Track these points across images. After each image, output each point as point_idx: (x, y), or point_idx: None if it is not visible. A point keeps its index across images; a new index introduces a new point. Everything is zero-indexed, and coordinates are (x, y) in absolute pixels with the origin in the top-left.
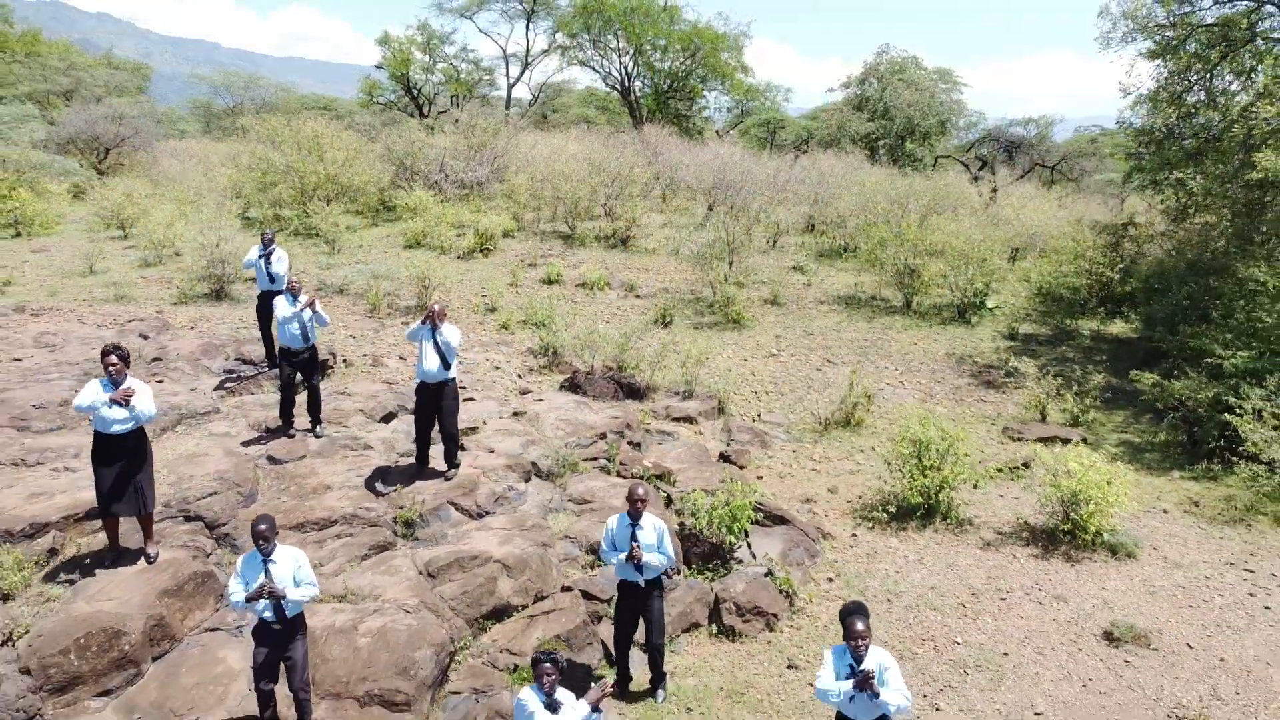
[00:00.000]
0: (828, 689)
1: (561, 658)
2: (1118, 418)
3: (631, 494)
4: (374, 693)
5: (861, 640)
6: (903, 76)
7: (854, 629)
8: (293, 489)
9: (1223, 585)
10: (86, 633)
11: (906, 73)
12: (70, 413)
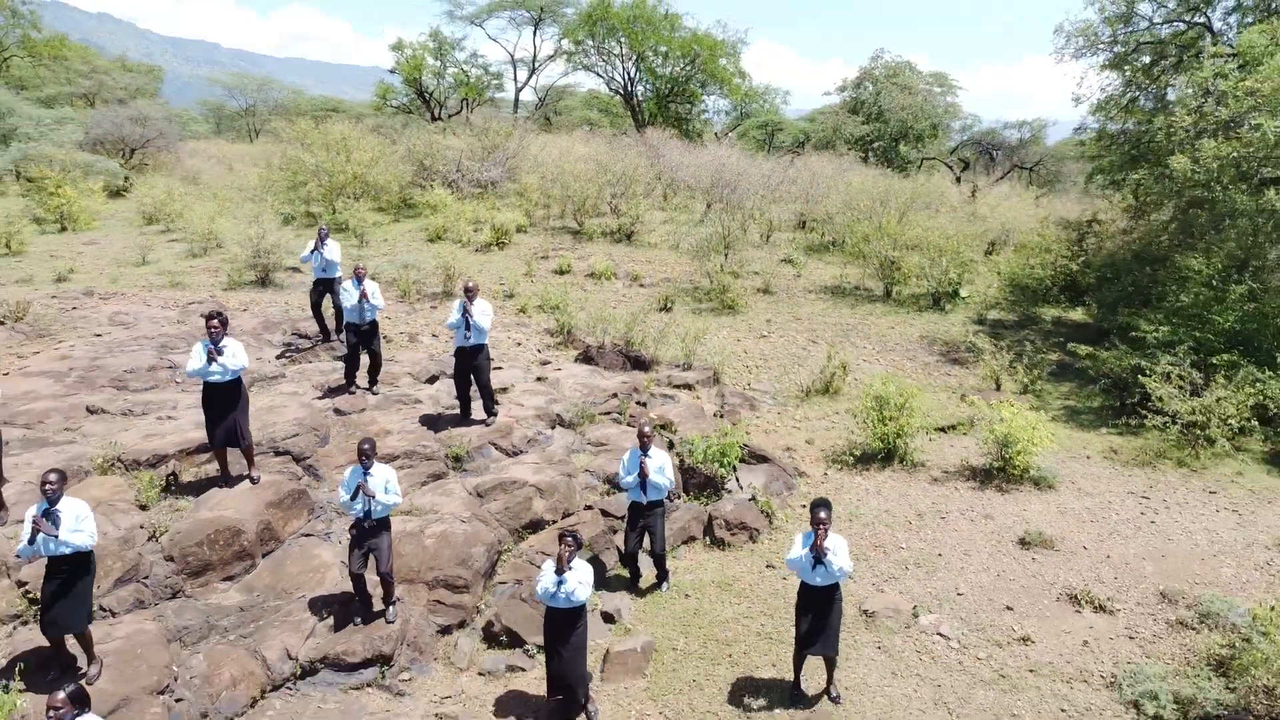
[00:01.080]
0: (794, 557)
1: (581, 536)
2: (1064, 387)
3: (640, 430)
4: (440, 578)
5: (822, 525)
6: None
7: (817, 515)
8: (358, 434)
9: (1121, 508)
10: (214, 531)
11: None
12: (159, 375)
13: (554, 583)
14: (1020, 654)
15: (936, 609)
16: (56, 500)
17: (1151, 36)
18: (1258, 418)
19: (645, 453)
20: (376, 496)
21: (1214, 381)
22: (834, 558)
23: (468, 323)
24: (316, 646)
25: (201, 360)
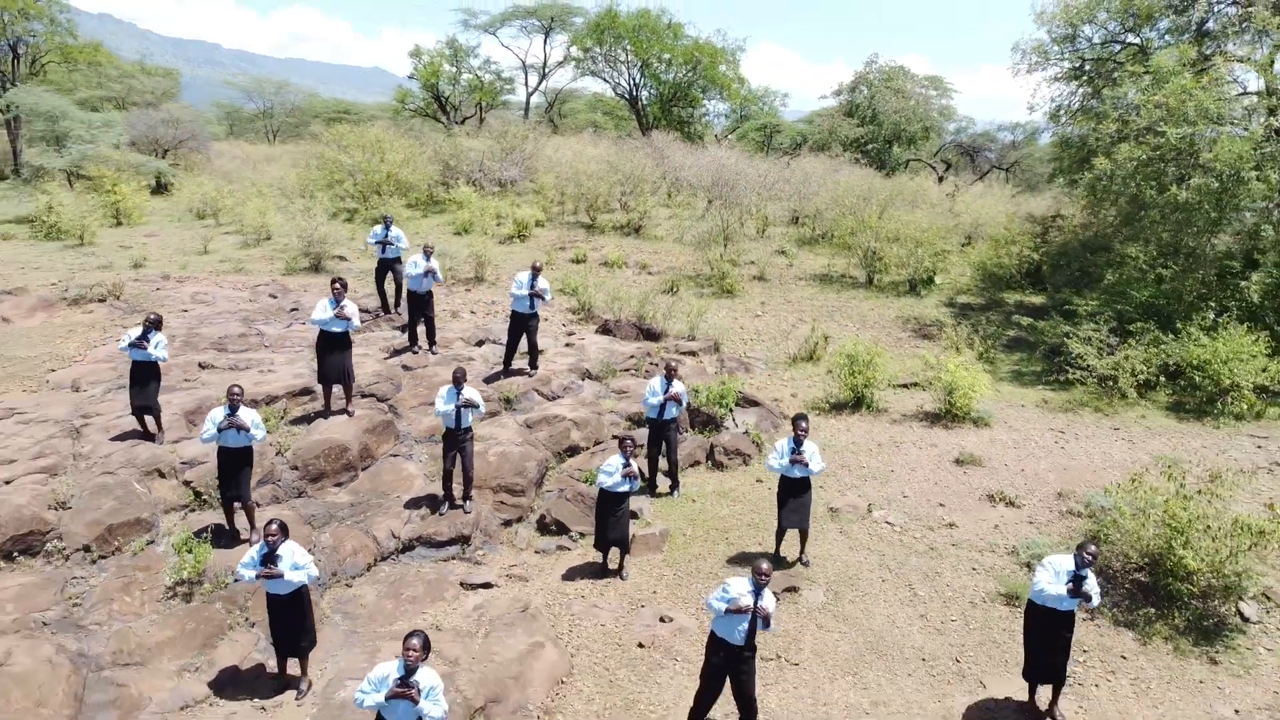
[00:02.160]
0: (775, 461)
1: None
2: (1014, 356)
3: (668, 364)
4: (502, 485)
5: (801, 432)
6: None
7: (798, 425)
8: (424, 383)
9: (1040, 439)
10: (327, 448)
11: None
12: (250, 340)
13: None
14: (946, 534)
15: (886, 506)
16: (276, 547)
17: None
18: (1165, 374)
19: (670, 382)
20: (477, 408)
21: (1127, 344)
22: (809, 460)
23: (532, 295)
24: (412, 529)
25: (327, 313)
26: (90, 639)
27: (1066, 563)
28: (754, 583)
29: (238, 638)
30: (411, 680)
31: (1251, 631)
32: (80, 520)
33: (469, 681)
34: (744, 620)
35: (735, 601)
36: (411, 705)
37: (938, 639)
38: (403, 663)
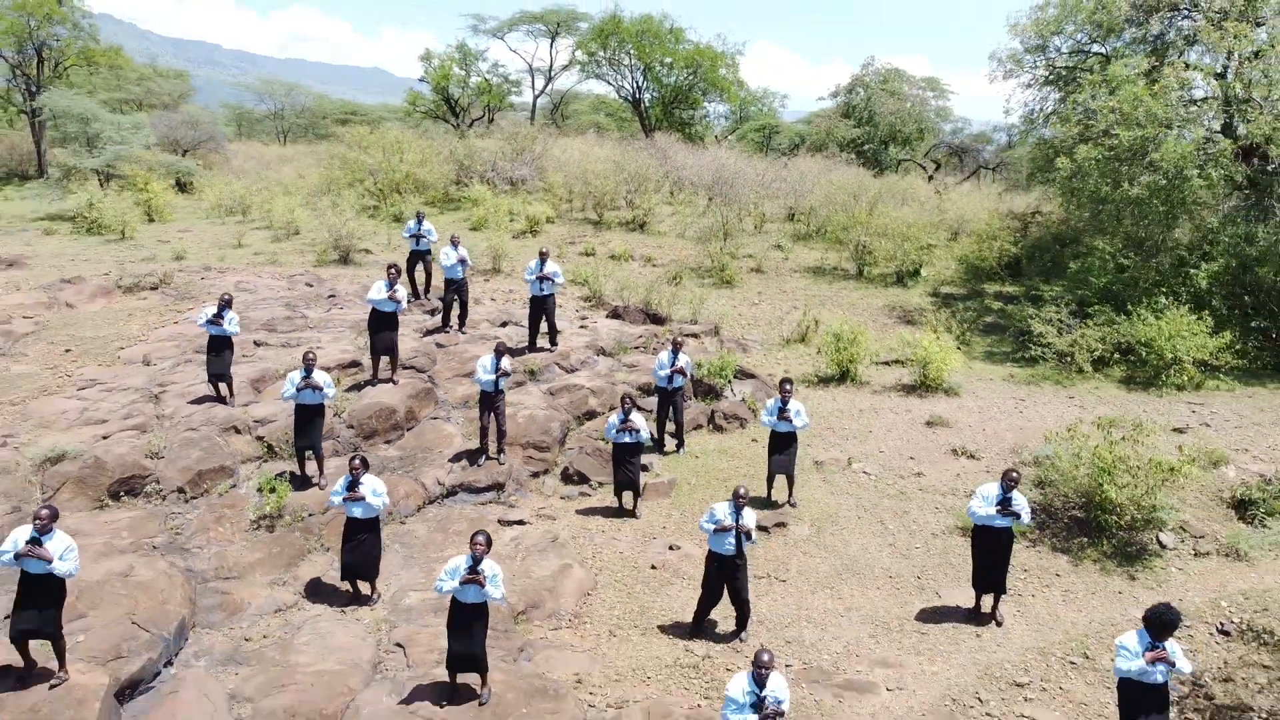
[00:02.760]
0: (766, 417)
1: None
2: (989, 339)
3: (674, 339)
4: (530, 442)
5: (786, 393)
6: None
7: (783, 387)
8: (456, 358)
9: (1002, 405)
10: (378, 410)
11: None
12: (295, 321)
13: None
14: (915, 482)
15: (864, 459)
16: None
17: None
18: (1119, 351)
19: (676, 355)
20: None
21: (1085, 325)
22: (795, 416)
23: (541, 277)
24: (454, 477)
25: (382, 294)
26: (194, 558)
27: (995, 490)
28: (734, 505)
29: (316, 559)
30: (479, 569)
31: (1167, 556)
32: (173, 467)
33: (512, 591)
34: (730, 535)
35: (720, 521)
36: (479, 588)
37: (903, 562)
38: (471, 556)
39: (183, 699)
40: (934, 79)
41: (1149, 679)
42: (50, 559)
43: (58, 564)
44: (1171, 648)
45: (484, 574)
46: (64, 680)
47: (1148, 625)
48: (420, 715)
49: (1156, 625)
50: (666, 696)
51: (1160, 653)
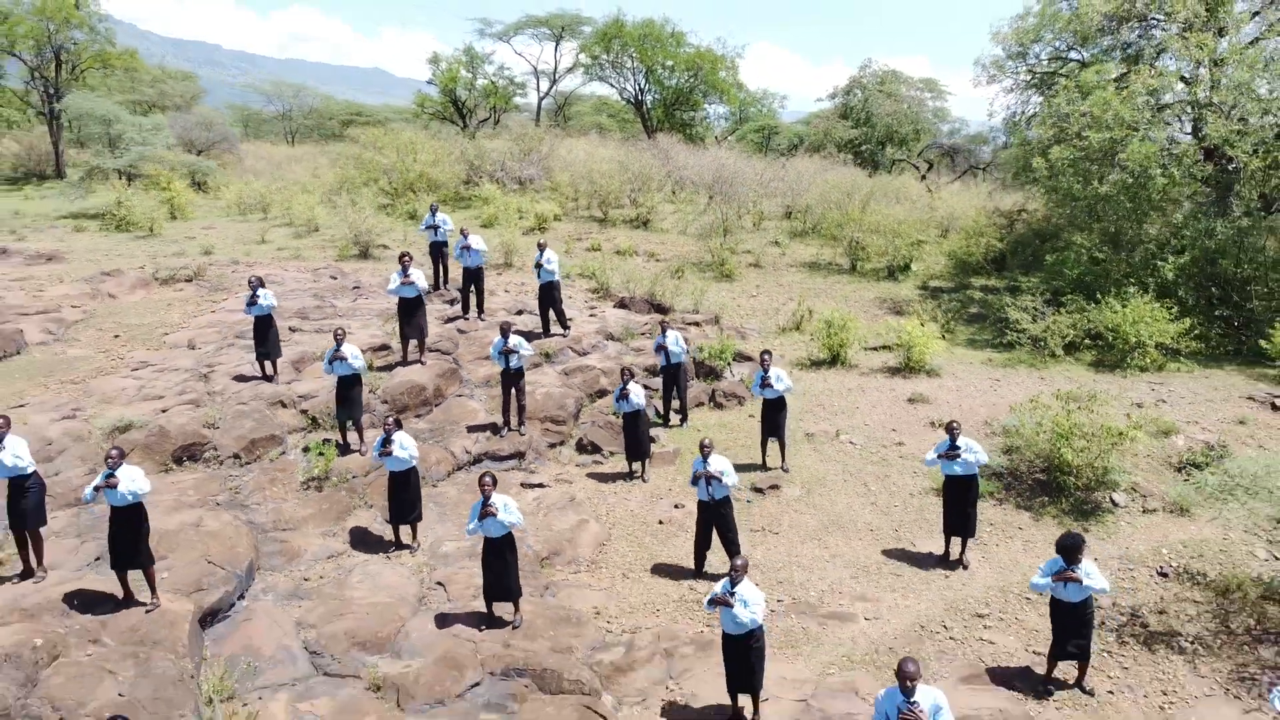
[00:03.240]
0: (754, 387)
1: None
2: (972, 328)
3: (661, 322)
4: (548, 416)
5: (765, 362)
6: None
7: (762, 359)
8: (476, 343)
9: (979, 385)
10: (409, 387)
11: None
12: (325, 309)
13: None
14: (895, 450)
15: (850, 431)
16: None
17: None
18: (1089, 337)
19: (665, 335)
20: (520, 352)
21: (1058, 312)
22: (776, 384)
23: (540, 264)
24: (480, 447)
25: (396, 283)
26: (253, 513)
27: (944, 440)
28: (702, 454)
29: (361, 515)
30: (490, 502)
31: (1118, 512)
32: (228, 435)
33: (536, 541)
34: (703, 483)
35: (694, 472)
36: (496, 520)
37: (883, 518)
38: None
39: (256, 625)
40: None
41: (1063, 596)
42: (117, 484)
43: (125, 486)
44: (1086, 569)
45: (495, 505)
46: (157, 606)
47: (1059, 551)
48: (462, 636)
49: (1064, 550)
50: (673, 624)
51: (1068, 573)
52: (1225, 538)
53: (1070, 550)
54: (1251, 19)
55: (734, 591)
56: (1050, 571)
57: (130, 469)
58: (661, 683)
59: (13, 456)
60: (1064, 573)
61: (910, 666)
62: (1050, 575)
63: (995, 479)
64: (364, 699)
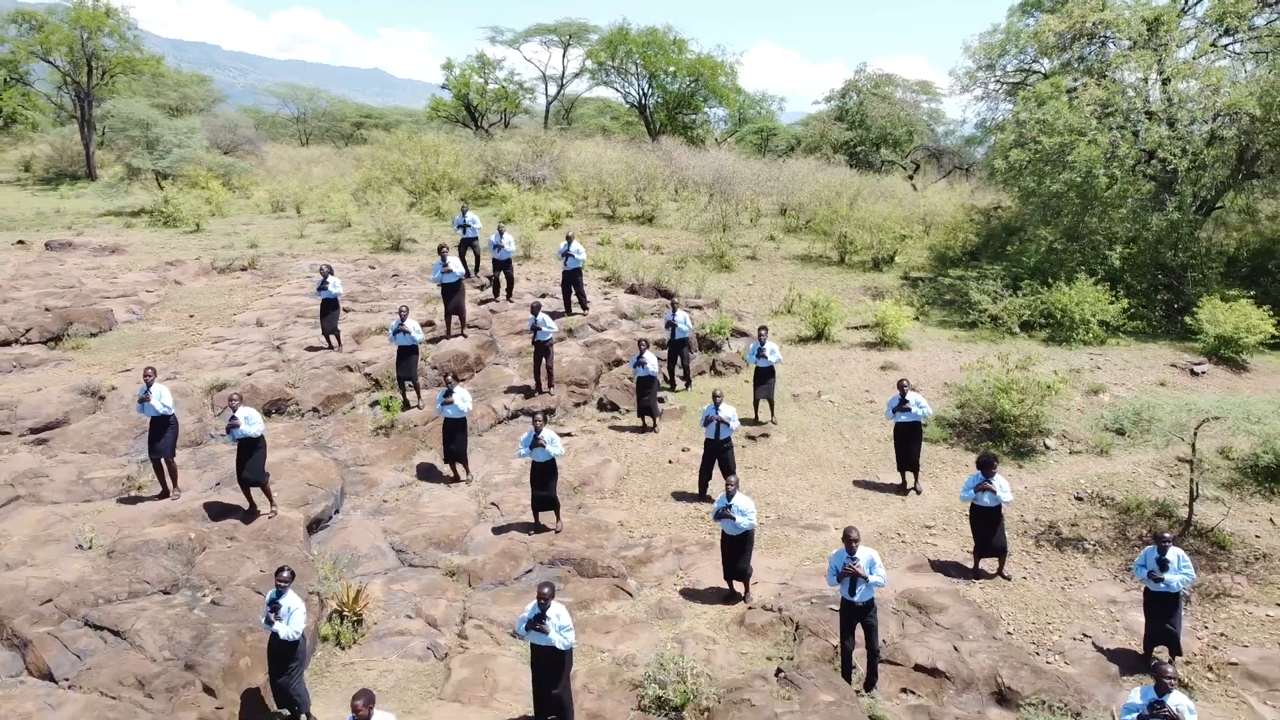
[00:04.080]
0: (750, 357)
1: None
2: (945, 311)
3: (673, 301)
4: (572, 380)
5: (762, 337)
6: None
7: (760, 333)
8: (508, 321)
9: (943, 356)
10: (453, 355)
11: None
12: (371, 294)
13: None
14: (868, 406)
15: (830, 392)
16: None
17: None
18: (1043, 316)
19: (675, 313)
20: (542, 329)
21: (1016, 295)
22: (770, 354)
23: (569, 253)
24: (516, 404)
25: (439, 271)
26: (335, 452)
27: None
28: (714, 402)
29: (423, 455)
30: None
31: (1049, 454)
32: (307, 393)
33: (569, 474)
34: (713, 425)
35: (705, 416)
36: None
37: (854, 458)
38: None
39: (351, 531)
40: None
41: (981, 503)
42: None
43: (245, 427)
44: (999, 483)
45: (544, 439)
46: (275, 514)
47: (978, 466)
48: (515, 539)
49: (982, 465)
50: (683, 533)
51: (985, 484)
52: (1134, 472)
53: (985, 465)
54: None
55: (731, 504)
56: (972, 485)
57: (246, 409)
58: (673, 572)
59: (160, 403)
60: (982, 484)
61: (853, 533)
62: (973, 488)
63: (949, 427)
64: (442, 581)
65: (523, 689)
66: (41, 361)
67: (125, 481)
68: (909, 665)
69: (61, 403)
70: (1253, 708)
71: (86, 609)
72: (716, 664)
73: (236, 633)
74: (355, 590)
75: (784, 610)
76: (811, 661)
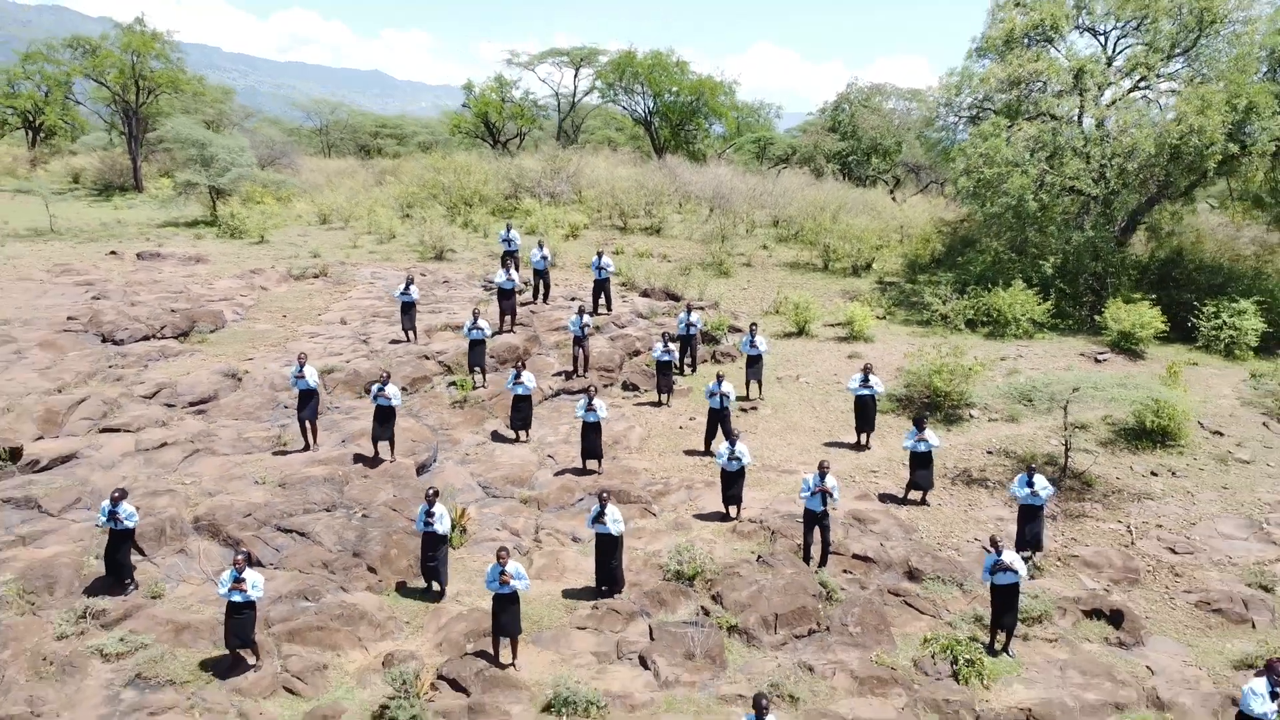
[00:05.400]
0: (743, 346)
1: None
2: (908, 312)
3: (688, 304)
4: (601, 367)
5: (753, 331)
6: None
7: (752, 327)
8: (546, 320)
9: (899, 347)
10: (507, 346)
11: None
12: (428, 296)
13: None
14: (836, 385)
15: (807, 376)
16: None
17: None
18: (985, 315)
19: (690, 313)
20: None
21: (963, 297)
22: (760, 345)
23: (600, 266)
24: (558, 385)
25: (503, 277)
26: (425, 420)
27: (859, 376)
28: (717, 380)
29: (491, 423)
30: (593, 402)
31: (973, 421)
32: (397, 375)
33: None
34: (716, 398)
35: (710, 390)
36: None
37: (822, 424)
38: (587, 397)
39: (448, 473)
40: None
41: (916, 449)
42: (390, 398)
43: (393, 390)
44: (930, 436)
45: (596, 405)
46: (395, 460)
47: (914, 423)
48: (569, 478)
49: (916, 422)
50: (691, 476)
51: (920, 436)
52: (1034, 434)
53: (918, 422)
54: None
55: (735, 449)
56: (911, 436)
57: (391, 387)
58: (685, 502)
59: (313, 379)
60: (919, 436)
61: (826, 464)
62: (913, 439)
63: (897, 401)
64: (518, 506)
65: (584, 570)
66: (179, 352)
67: (274, 440)
68: (849, 554)
69: (210, 383)
70: (1082, 581)
71: (276, 519)
72: (716, 555)
73: (385, 534)
74: (462, 509)
75: (764, 522)
76: (782, 553)
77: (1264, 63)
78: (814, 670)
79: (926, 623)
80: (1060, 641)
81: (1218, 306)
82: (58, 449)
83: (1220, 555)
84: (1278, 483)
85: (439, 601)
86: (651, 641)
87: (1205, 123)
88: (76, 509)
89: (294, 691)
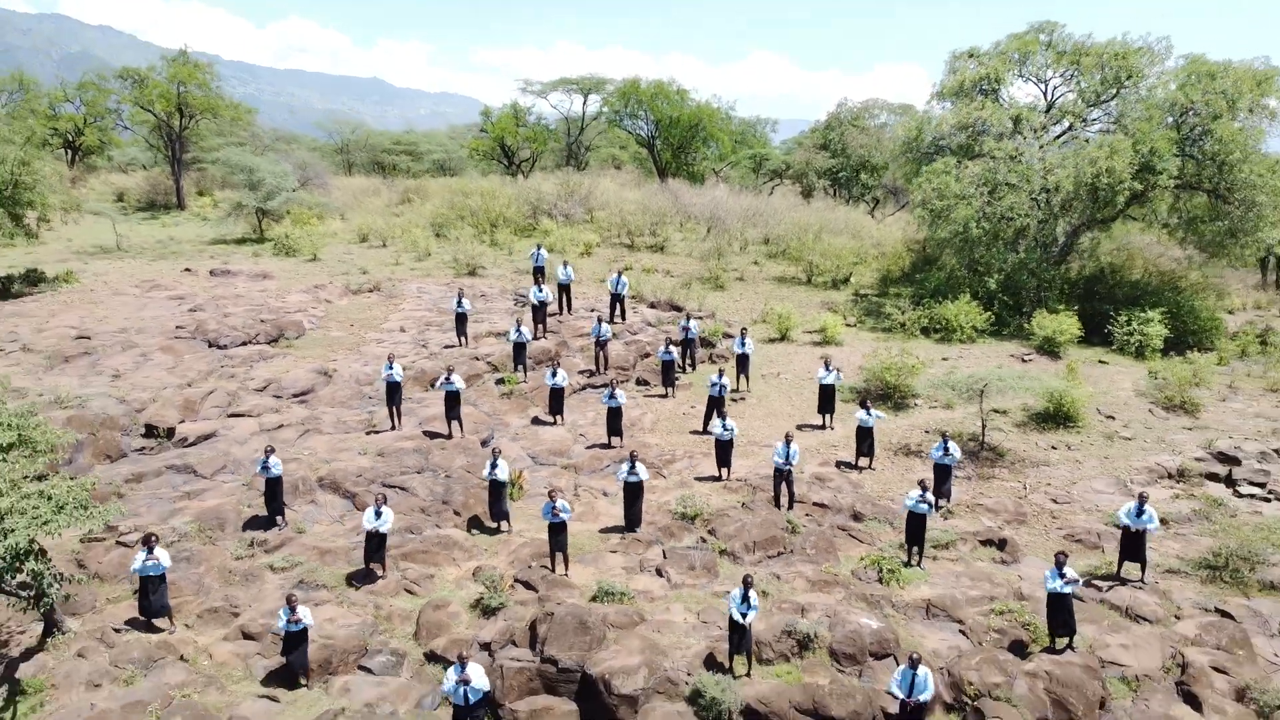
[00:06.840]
0: (735, 348)
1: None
2: (876, 320)
3: (688, 313)
4: (617, 366)
5: (743, 334)
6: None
7: (742, 331)
8: (571, 328)
9: (864, 349)
10: (540, 349)
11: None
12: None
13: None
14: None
15: (786, 373)
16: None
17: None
18: (936, 323)
19: (689, 321)
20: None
21: (919, 308)
22: (748, 347)
23: (618, 283)
24: (583, 381)
25: (540, 295)
26: (480, 408)
27: (824, 369)
28: (717, 374)
29: (532, 410)
30: (615, 390)
31: (917, 409)
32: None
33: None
34: (715, 387)
35: (710, 381)
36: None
37: (796, 410)
38: (610, 389)
39: (502, 445)
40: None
41: (864, 424)
42: (454, 384)
43: (458, 378)
44: (875, 412)
45: (618, 394)
46: (465, 436)
47: (860, 405)
48: (598, 451)
49: (862, 404)
50: (692, 449)
51: (864, 412)
52: (964, 418)
53: (863, 404)
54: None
55: (726, 423)
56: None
57: (455, 376)
58: (687, 468)
59: (400, 373)
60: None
61: (790, 431)
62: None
63: (855, 392)
64: (560, 470)
65: (614, 515)
66: (274, 355)
67: (366, 423)
68: (810, 503)
69: (307, 379)
70: (982, 521)
71: (381, 478)
72: (711, 503)
73: (464, 488)
74: (519, 471)
75: (748, 481)
76: (760, 501)
77: (1169, 113)
78: (780, 577)
79: (864, 549)
80: (959, 561)
81: (1130, 315)
82: (199, 429)
83: (1090, 505)
84: (1149, 454)
85: (508, 534)
86: (664, 560)
87: (1115, 164)
88: (224, 473)
89: (412, 592)
